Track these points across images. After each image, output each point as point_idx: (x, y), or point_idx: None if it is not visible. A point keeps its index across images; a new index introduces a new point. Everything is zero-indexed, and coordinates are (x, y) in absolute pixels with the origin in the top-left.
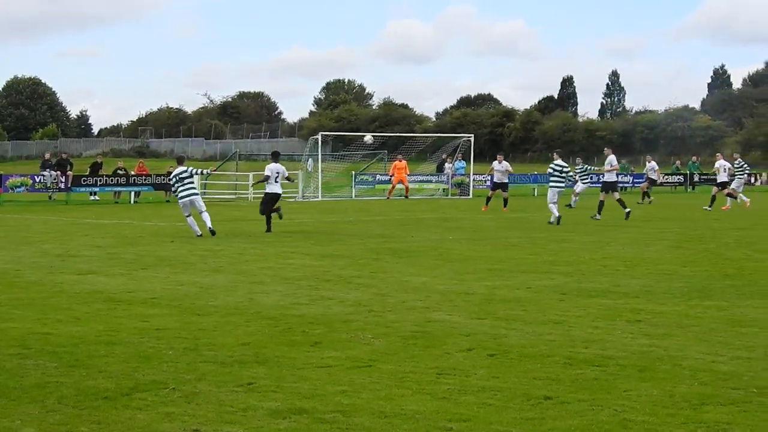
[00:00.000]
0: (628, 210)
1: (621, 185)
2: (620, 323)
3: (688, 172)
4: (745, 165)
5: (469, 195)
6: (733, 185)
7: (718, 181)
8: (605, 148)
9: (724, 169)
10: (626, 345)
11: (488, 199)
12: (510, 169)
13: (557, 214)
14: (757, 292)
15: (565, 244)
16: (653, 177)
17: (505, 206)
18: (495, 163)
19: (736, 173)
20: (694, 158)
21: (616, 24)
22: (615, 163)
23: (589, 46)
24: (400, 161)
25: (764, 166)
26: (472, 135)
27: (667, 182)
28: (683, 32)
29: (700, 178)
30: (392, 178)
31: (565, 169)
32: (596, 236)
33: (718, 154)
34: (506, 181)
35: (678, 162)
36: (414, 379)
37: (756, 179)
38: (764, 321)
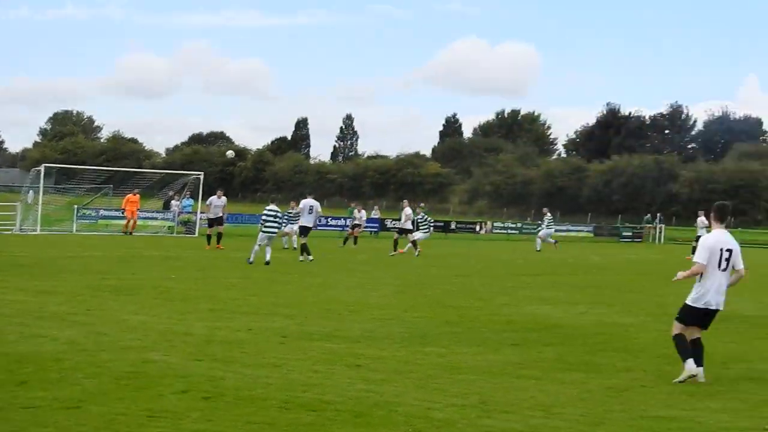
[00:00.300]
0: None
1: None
2: (340, 368)
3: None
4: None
5: (194, 233)
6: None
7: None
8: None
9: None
10: (344, 390)
11: (209, 237)
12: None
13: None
14: (475, 339)
15: (289, 286)
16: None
17: (218, 242)
18: (214, 198)
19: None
20: (422, 204)
21: (352, 69)
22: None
23: (325, 89)
24: (134, 195)
25: (489, 215)
26: (202, 173)
27: (395, 228)
28: (416, 80)
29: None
30: (125, 212)
31: (279, 214)
32: (322, 278)
33: (404, 201)
34: (221, 215)
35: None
36: (123, 422)
37: (481, 228)
38: (480, 368)
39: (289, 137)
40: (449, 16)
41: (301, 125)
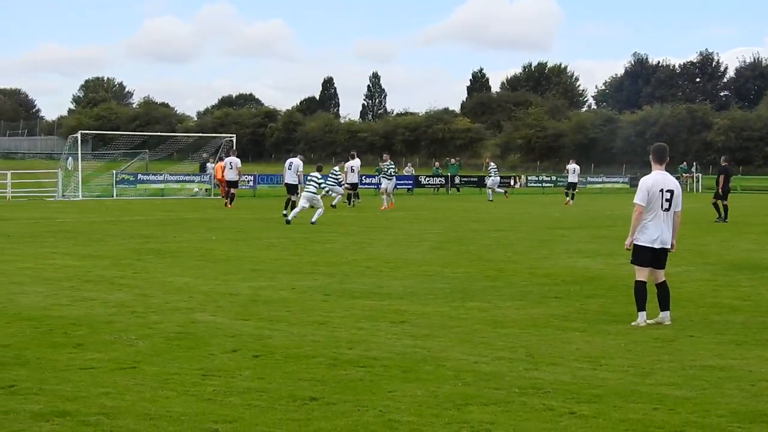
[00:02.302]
0: None
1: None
2: (384, 324)
3: (448, 174)
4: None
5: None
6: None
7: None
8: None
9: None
10: (390, 346)
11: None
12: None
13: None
14: (516, 293)
15: (327, 245)
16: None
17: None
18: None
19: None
20: (452, 160)
21: (374, 27)
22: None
23: (348, 49)
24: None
25: (522, 169)
26: (234, 135)
27: (430, 184)
28: (437, 37)
29: (461, 180)
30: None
31: (319, 179)
32: (359, 237)
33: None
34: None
35: (437, 164)
36: (178, 381)
37: (515, 182)
38: (524, 321)
39: (318, 97)
40: None
41: (328, 85)
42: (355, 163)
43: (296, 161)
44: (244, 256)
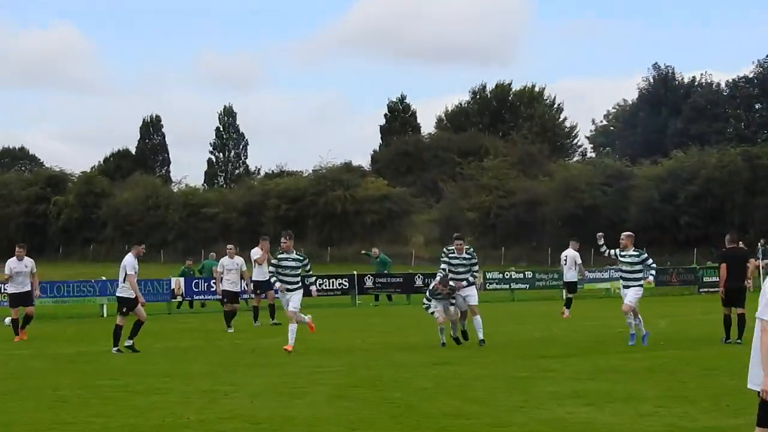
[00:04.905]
0: None
1: None
2: None
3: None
4: None
5: None
6: None
7: None
8: None
9: None
10: None
11: (15, 322)
12: None
13: None
14: None
15: (155, 397)
16: None
17: (23, 327)
18: (12, 261)
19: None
20: (374, 251)
21: (224, 35)
22: None
23: (183, 71)
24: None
25: (479, 259)
26: None
27: (327, 290)
28: (330, 44)
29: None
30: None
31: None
32: (210, 381)
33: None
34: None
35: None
36: None
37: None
38: None
39: (133, 150)
40: None
41: (151, 130)
42: (235, 261)
43: (127, 260)
44: (13, 422)
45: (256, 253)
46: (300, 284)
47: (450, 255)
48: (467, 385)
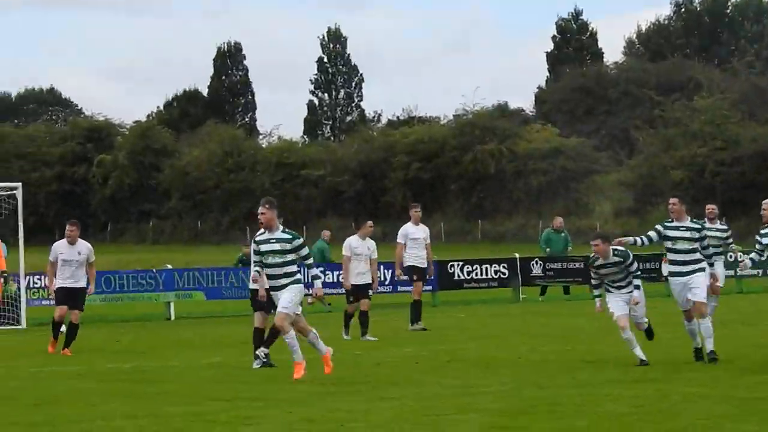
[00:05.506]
0: None
1: None
2: None
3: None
4: None
5: (21, 322)
6: None
7: None
8: None
9: None
10: None
11: (56, 326)
12: None
13: None
14: None
15: (249, 429)
16: None
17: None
18: (61, 244)
19: None
20: (558, 222)
21: None
22: None
23: None
24: None
25: None
26: (19, 185)
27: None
28: None
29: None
30: None
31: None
32: (318, 408)
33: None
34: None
35: None
36: None
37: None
38: None
39: (205, 91)
40: None
41: (230, 64)
42: (367, 244)
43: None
44: None
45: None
46: (294, 278)
47: (668, 226)
48: (678, 409)
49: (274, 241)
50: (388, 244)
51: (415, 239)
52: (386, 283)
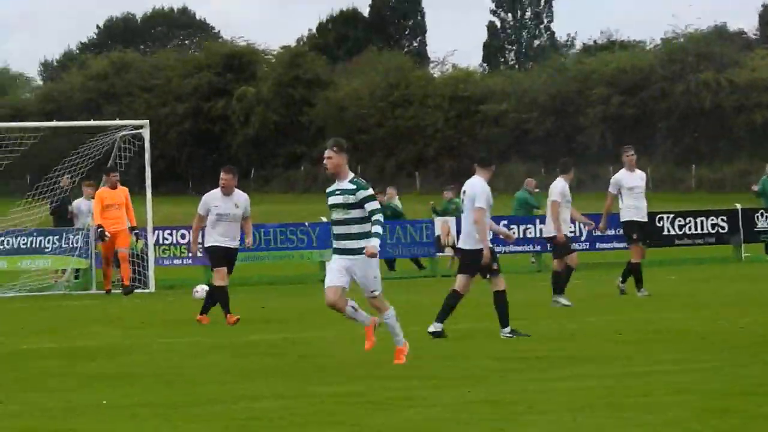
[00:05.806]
0: None
1: None
2: None
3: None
4: None
5: (149, 285)
6: None
7: None
8: None
9: None
10: None
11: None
12: None
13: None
14: None
15: (412, 411)
16: None
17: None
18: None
19: None
20: None
21: None
22: None
23: None
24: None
25: None
26: (147, 121)
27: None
28: None
29: None
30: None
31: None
32: (492, 389)
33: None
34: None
35: None
36: None
37: None
38: None
39: (366, 11)
40: None
41: None
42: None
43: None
44: None
45: None
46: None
47: None
48: None
49: (338, 192)
50: (582, 192)
51: (631, 188)
52: (582, 239)
